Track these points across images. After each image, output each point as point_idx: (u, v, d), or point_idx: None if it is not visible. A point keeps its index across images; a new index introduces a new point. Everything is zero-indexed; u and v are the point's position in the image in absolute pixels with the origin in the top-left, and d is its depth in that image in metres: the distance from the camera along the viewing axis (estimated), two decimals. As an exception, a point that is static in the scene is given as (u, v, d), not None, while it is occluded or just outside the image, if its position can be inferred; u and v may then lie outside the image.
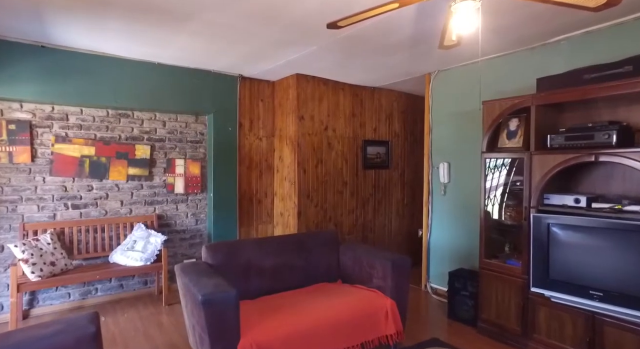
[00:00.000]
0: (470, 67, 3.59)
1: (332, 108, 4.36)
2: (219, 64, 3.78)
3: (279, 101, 4.41)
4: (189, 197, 4.07)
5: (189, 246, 4.09)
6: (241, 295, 2.57)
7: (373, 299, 2.58)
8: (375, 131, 4.77)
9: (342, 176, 4.47)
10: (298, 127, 4.11)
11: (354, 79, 4.29)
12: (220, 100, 4.09)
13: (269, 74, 4.16)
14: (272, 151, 4.53)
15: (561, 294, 2.33)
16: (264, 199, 4.49)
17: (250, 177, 4.38)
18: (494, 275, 2.82)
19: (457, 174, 3.73)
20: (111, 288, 3.60)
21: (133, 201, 3.72)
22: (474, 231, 3.52)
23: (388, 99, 4.88)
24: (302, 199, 4.14)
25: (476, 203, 3.47)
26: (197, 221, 4.14)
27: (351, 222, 4.56)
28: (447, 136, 3.83)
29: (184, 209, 4.04)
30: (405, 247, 5.11)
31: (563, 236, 2.36)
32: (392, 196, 4.96)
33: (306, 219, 4.18)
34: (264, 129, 4.46)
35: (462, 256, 3.64)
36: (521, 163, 2.90)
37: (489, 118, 2.87)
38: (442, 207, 3.87)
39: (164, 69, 3.70)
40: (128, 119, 3.69)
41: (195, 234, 4.14)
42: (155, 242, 3.49)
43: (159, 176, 3.88)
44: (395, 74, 4.06)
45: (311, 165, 4.22)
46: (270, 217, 4.54)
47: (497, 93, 3.30)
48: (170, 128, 3.95)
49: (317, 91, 4.24)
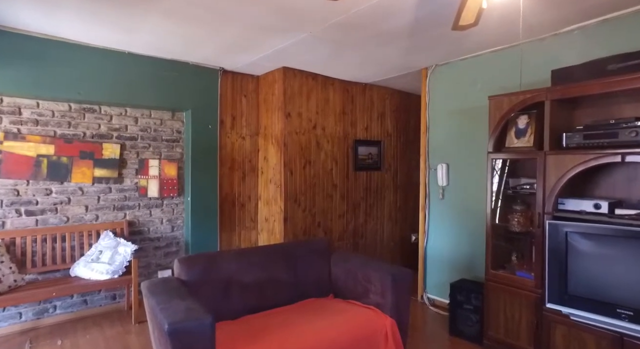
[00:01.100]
0: (470, 61, 3.33)
1: (321, 105, 4.06)
2: (198, 55, 3.43)
3: (264, 97, 4.08)
4: (164, 202, 3.69)
5: (164, 256, 3.71)
6: (220, 316, 2.23)
7: (371, 318, 2.28)
8: (367, 130, 4.48)
9: (331, 178, 4.16)
10: (284, 125, 3.78)
11: (345, 73, 3.99)
12: (200, 95, 3.73)
13: (253, 68, 3.83)
14: (256, 150, 4.19)
15: (582, 312, 2.08)
16: (248, 203, 4.14)
17: (233, 180, 4.03)
18: (502, 288, 2.55)
19: (457, 176, 3.47)
20: (73, 304, 3.20)
21: (100, 206, 3.33)
22: (475, 238, 3.26)
23: (380, 96, 4.60)
24: (288, 203, 3.82)
25: (478, 208, 3.21)
26: (174, 228, 3.77)
27: (341, 228, 4.26)
28: (445, 135, 3.57)
29: (158, 214, 3.66)
30: (398, 254, 4.84)
31: (584, 246, 2.11)
32: (385, 200, 4.68)
33: (293, 224, 3.86)
34: (248, 127, 4.12)
35: (463, 265, 3.37)
36: (532, 164, 2.65)
37: (497, 115, 2.61)
38: (440, 212, 3.61)
39: (136, 60, 3.33)
40: (94, 115, 3.29)
41: (171, 242, 3.76)
42: (124, 252, 3.11)
43: (130, 178, 3.49)
44: (389, 68, 3.78)
45: (299, 166, 3.90)
46: (254, 222, 4.20)
47: (499, 89, 3.04)
48: (143, 125, 3.57)
49: (305, 86, 3.93)
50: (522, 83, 2.91)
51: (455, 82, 3.47)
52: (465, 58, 3.36)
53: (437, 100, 3.65)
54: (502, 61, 3.09)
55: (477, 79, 3.28)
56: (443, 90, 3.59)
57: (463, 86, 3.41)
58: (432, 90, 3.69)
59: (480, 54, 3.24)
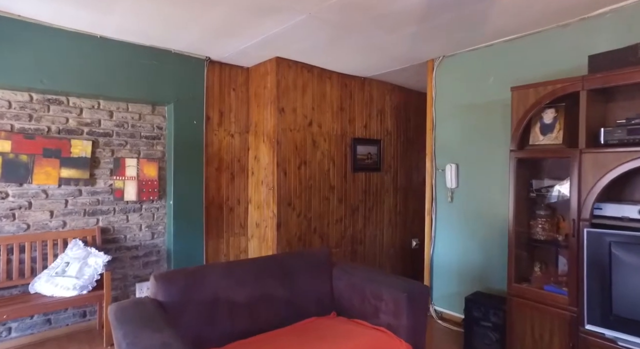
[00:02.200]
0: (482, 52, 3.04)
1: (317, 100, 3.72)
2: (180, 41, 3.06)
3: (255, 90, 3.72)
4: (143, 206, 3.30)
5: (142, 266, 3.31)
6: (205, 343, 1.87)
7: (383, 342, 1.95)
8: (366, 127, 4.16)
9: (328, 180, 3.82)
10: (277, 121, 3.43)
11: (343, 65, 3.66)
12: (184, 87, 3.35)
13: (243, 57, 3.47)
14: (246, 149, 3.83)
15: (634, 337, 1.78)
16: (237, 206, 3.77)
17: (220, 181, 3.66)
18: (529, 304, 2.25)
19: (467, 177, 3.17)
20: (33, 325, 2.78)
21: (68, 211, 2.92)
22: (489, 246, 2.97)
23: (380, 91, 4.29)
24: (282, 207, 3.47)
25: (493, 212, 2.92)
26: (154, 235, 3.38)
27: (339, 234, 3.92)
28: (454, 133, 3.27)
29: (136, 220, 3.27)
30: (399, 261, 4.53)
31: (633, 259, 1.82)
32: (384, 203, 4.36)
33: (287, 231, 3.51)
34: (237, 123, 3.76)
35: (475, 276, 3.07)
36: (559, 164, 2.36)
37: (520, 108, 2.31)
38: (448, 217, 3.30)
39: (111, 45, 2.94)
40: (61, 107, 2.89)
41: (151, 251, 3.37)
42: (95, 264, 2.72)
43: (104, 180, 3.10)
44: (392, 60, 3.46)
45: (293, 167, 3.55)
46: (243, 228, 3.83)
47: (516, 81, 2.74)
48: (119, 120, 3.17)
49: (301, 78, 3.59)
50: (543, 75, 2.63)
51: (465, 75, 3.18)
52: (477, 48, 3.06)
53: (444, 95, 3.35)
54: (518, 51, 2.80)
55: (490, 71, 2.99)
56: (451, 84, 3.30)
57: (474, 79, 3.12)
58: (439, 84, 3.39)
59: (493, 43, 2.95)
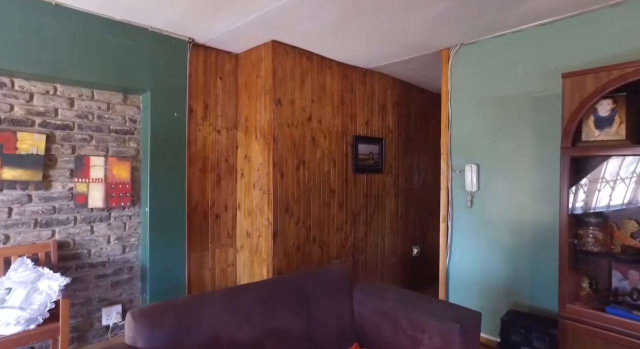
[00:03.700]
0: (509, 39, 2.71)
1: (317, 91, 3.28)
2: (159, 17, 2.54)
3: (245, 80, 3.23)
4: (112, 214, 2.74)
5: (110, 286, 2.74)
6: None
7: (432, 390, 1.52)
8: (368, 124, 3.76)
9: (329, 182, 3.39)
10: (274, 115, 2.97)
11: (345, 54, 3.25)
12: (162, 73, 2.82)
13: (232, 40, 2.98)
14: (235, 147, 3.33)
15: None
16: (223, 213, 3.26)
17: (205, 184, 3.14)
18: (588, 330, 1.90)
19: (490, 179, 2.82)
20: (-35, 370, 2.17)
21: (12, 222, 2.33)
22: (517, 257, 2.63)
23: (381, 85, 3.91)
24: (278, 213, 3.00)
25: (521, 219, 2.60)
26: (126, 248, 2.82)
27: (339, 243, 3.49)
28: (474, 130, 2.92)
29: (103, 231, 2.70)
30: (400, 270, 4.14)
31: None
32: (385, 208, 3.97)
33: (284, 240, 3.04)
34: (224, 117, 3.25)
35: (500, 291, 2.72)
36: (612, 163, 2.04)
37: (575, 98, 1.97)
38: (467, 224, 2.94)
39: (71, 16, 2.38)
40: (3, 91, 2.30)
41: (121, 268, 2.80)
42: (48, 288, 2.14)
43: (62, 182, 2.52)
44: (403, 47, 3.08)
45: (291, 167, 3.09)
46: (231, 238, 3.32)
47: (552, 71, 2.45)
48: (82, 110, 2.61)
49: (299, 67, 3.14)
50: (584, 62, 2.31)
51: (488, 64, 2.84)
52: (504, 34, 2.73)
53: (462, 87, 3.00)
54: (555, 36, 2.48)
55: (519, 59, 2.66)
56: (470, 75, 2.95)
57: (498, 69, 2.78)
58: (455, 75, 3.04)
59: (522, 28, 2.62)
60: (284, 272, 3.02)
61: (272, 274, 2.96)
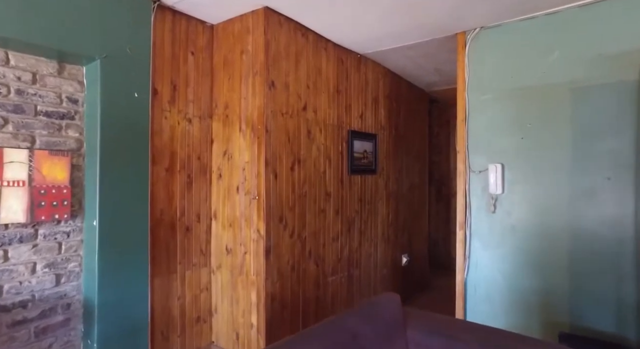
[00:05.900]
0: (542, 20, 2.40)
1: (312, 76, 2.74)
2: (118, -47, 1.83)
3: (225, 57, 2.58)
4: (40, 231, 1.93)
5: (34, 336, 1.92)
6: None
7: None
8: (362, 118, 3.29)
9: (324, 184, 2.85)
10: (266, 101, 2.36)
11: (342, 33, 2.74)
12: (118, 38, 2.08)
13: (208, 4, 2.32)
14: (210, 142, 2.65)
15: None
16: (195, 225, 2.57)
17: (172, 187, 2.43)
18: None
19: (516, 181, 2.49)
20: None
21: None
22: (551, 270, 2.33)
23: (375, 75, 3.47)
24: (272, 224, 2.39)
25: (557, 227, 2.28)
26: (60, 278, 2.01)
27: (335, 256, 2.96)
28: (495, 125, 2.58)
29: (25, 256, 1.89)
30: (390, 282, 3.72)
31: None
32: (378, 213, 3.53)
33: (278, 258, 2.44)
34: (196, 103, 2.57)
35: (532, 308, 2.39)
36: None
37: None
38: (489, 231, 2.59)
39: (-22, -64, 1.59)
40: None
41: (53, 307, 1.99)
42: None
43: (-39, 186, 1.68)
44: (416, 27, 2.65)
45: (285, 167, 2.51)
46: (205, 256, 2.63)
47: (596, 56, 2.18)
48: (-5, 81, 1.79)
49: (294, 44, 2.58)
50: (632, 47, 2.06)
51: (512, 50, 2.51)
52: (534, 16, 2.41)
53: (481, 76, 2.64)
54: (599, 19, 2.21)
55: (553, 45, 2.36)
56: (491, 62, 2.60)
57: (526, 56, 2.46)
58: (473, 62, 2.67)
59: (559, 9, 2.32)
60: (277, 297, 2.42)
61: (264, 300, 2.35)
